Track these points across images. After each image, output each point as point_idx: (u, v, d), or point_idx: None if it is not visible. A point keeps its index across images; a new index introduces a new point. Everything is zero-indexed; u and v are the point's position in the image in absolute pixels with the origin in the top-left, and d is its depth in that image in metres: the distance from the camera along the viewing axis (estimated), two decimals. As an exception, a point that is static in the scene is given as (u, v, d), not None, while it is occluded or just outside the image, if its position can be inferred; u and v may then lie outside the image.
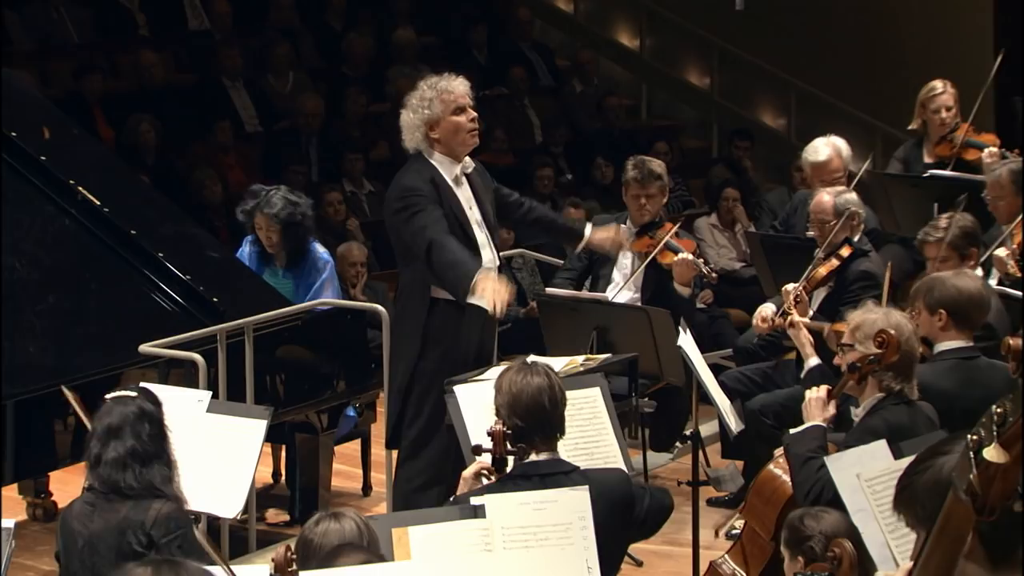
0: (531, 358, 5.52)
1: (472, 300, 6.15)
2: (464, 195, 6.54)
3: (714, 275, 7.56)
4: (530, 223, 7.07)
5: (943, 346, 5.75)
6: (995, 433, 2.55)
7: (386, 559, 4.14)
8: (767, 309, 7.29)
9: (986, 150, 8.41)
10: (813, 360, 6.15)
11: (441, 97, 6.45)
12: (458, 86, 6.50)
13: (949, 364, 5.72)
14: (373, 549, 4.10)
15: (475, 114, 6.56)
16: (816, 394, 5.37)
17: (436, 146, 6.47)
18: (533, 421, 4.73)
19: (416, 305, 6.50)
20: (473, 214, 6.53)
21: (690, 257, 7.50)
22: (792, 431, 5.33)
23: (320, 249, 7.65)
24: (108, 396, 4.96)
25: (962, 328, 5.75)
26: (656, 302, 7.58)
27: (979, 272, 6.80)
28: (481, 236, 6.54)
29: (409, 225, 6.40)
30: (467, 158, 6.56)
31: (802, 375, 6.34)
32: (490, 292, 6.10)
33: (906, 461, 4.86)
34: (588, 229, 6.99)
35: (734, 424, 6.63)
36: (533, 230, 7.19)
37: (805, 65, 13.49)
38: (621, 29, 14.84)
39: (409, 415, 6.52)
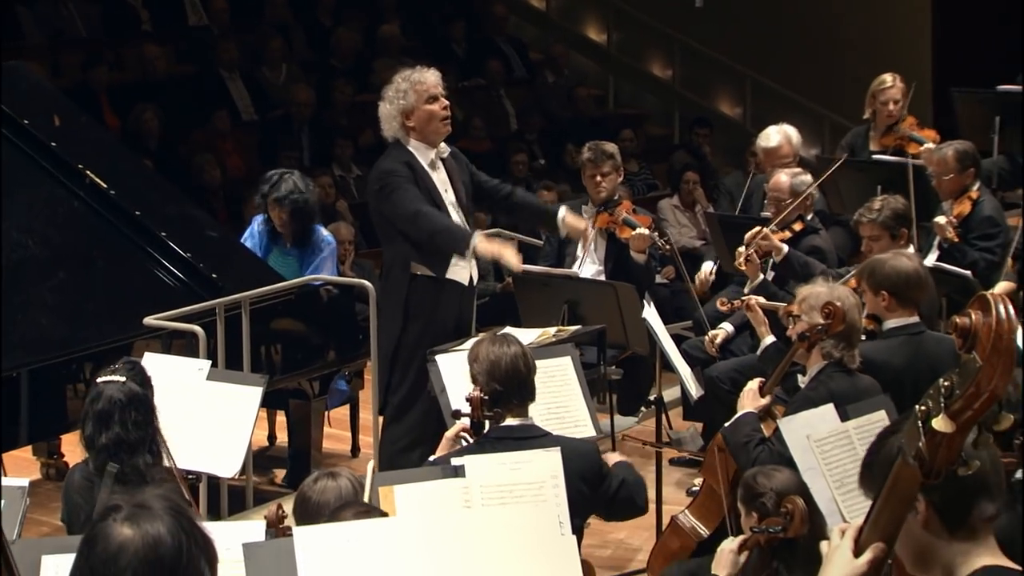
0: (506, 330, 5.53)
1: (469, 256, 6.28)
2: (440, 178, 6.51)
3: (668, 247, 7.57)
4: (510, 206, 6.93)
5: (891, 324, 5.76)
6: (943, 405, 2.56)
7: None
8: (706, 267, 7.61)
9: (924, 146, 8.49)
10: (769, 339, 6.14)
11: (415, 88, 6.42)
12: (429, 77, 6.47)
13: (898, 340, 5.73)
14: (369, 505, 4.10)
15: (447, 102, 6.53)
16: (750, 387, 5.43)
17: (412, 133, 6.45)
18: (512, 385, 4.75)
19: (397, 281, 6.49)
20: (448, 196, 6.51)
21: (645, 232, 7.51)
22: (727, 424, 5.38)
23: (324, 232, 7.68)
24: (99, 379, 4.81)
25: (905, 305, 5.75)
26: (616, 272, 7.60)
27: (911, 249, 6.83)
28: (456, 217, 6.51)
29: (388, 202, 6.38)
30: (442, 144, 6.54)
31: (759, 352, 6.35)
32: (497, 247, 6.24)
33: (852, 423, 4.93)
34: (562, 210, 6.83)
35: (694, 390, 6.64)
36: (513, 213, 7.10)
37: (759, 59, 13.50)
38: (590, 25, 14.82)
39: (394, 382, 6.52)
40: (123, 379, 4.73)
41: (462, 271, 6.54)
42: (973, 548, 2.74)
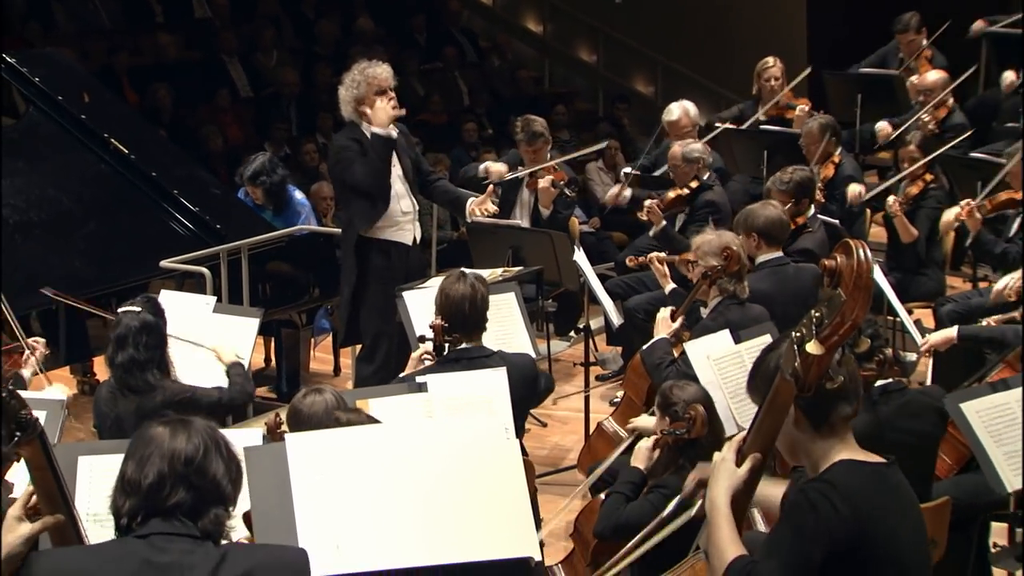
0: (463, 270, 5.49)
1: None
2: None
3: (572, 194, 7.52)
4: (431, 191, 6.65)
5: (760, 259, 5.83)
6: (814, 332, 2.59)
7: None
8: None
9: (797, 108, 8.55)
10: (670, 286, 6.10)
11: (367, 81, 6.19)
12: (381, 72, 6.21)
13: (767, 272, 5.79)
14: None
15: (394, 95, 6.25)
16: (663, 315, 5.42)
17: (364, 116, 6.24)
18: (461, 316, 4.71)
19: (352, 241, 6.34)
20: (395, 169, 6.34)
21: (547, 184, 7.41)
22: (644, 347, 5.37)
23: (298, 196, 7.57)
24: (119, 309, 4.85)
25: (771, 244, 5.84)
26: (539, 221, 7.55)
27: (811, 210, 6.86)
28: (400, 187, 6.34)
29: (349, 171, 6.23)
30: (391, 126, 6.30)
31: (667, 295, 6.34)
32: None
33: (743, 345, 4.96)
34: (469, 202, 6.53)
35: (616, 319, 6.66)
36: (433, 196, 6.82)
37: (668, 47, 13.48)
38: (529, 17, 14.73)
39: (361, 327, 6.40)
40: (139, 310, 4.76)
41: (406, 233, 6.39)
42: (834, 444, 2.80)
